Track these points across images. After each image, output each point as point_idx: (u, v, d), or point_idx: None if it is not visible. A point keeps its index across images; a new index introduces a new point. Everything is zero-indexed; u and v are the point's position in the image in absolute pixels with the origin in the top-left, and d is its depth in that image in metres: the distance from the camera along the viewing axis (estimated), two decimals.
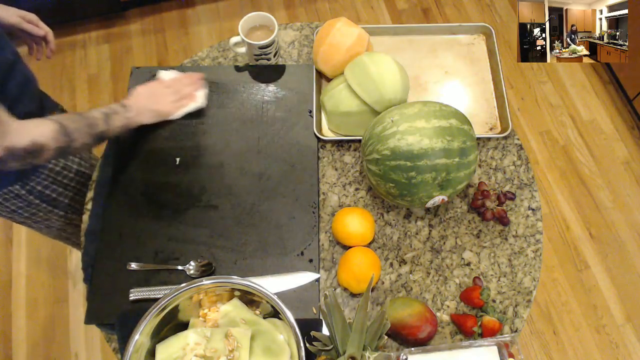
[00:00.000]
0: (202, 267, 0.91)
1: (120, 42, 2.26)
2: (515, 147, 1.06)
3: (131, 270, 0.91)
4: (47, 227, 1.17)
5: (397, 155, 0.84)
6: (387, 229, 0.98)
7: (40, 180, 1.02)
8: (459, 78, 1.13)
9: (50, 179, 1.04)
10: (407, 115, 0.86)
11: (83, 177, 1.11)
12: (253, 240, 0.94)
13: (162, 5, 2.34)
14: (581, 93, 2.14)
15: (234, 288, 0.78)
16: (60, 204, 1.10)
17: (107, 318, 0.88)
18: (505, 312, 0.91)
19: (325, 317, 0.75)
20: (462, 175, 0.86)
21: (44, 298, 1.76)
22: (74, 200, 1.12)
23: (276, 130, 1.05)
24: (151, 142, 1.04)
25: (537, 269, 0.95)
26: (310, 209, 0.97)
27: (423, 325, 0.82)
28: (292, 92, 1.09)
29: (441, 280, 0.93)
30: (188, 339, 0.75)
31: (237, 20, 1.10)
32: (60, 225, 1.17)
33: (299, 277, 0.91)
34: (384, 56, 0.97)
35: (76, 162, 1.09)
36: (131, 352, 0.71)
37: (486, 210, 0.96)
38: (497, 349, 0.77)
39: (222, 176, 1.00)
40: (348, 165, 1.04)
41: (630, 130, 2.06)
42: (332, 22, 1.04)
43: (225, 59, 1.17)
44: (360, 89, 0.96)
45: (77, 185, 1.11)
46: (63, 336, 1.70)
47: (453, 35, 1.18)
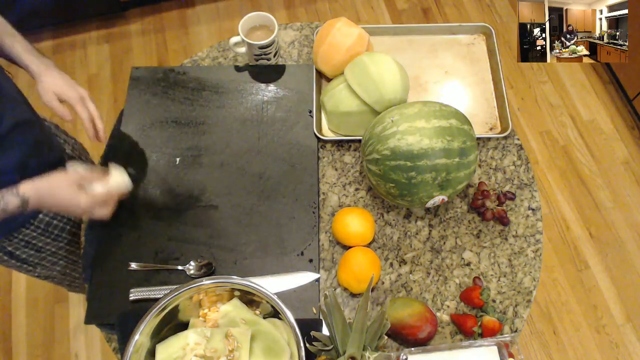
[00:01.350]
0: (202, 267, 0.91)
1: (120, 42, 2.26)
2: (515, 147, 1.06)
3: (131, 270, 0.91)
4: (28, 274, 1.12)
5: (397, 155, 0.84)
6: (387, 229, 0.98)
7: (12, 243, 0.97)
8: (459, 78, 1.13)
9: (23, 242, 0.98)
10: (407, 115, 0.86)
11: (62, 241, 1.06)
12: (253, 240, 0.94)
13: (162, 5, 2.34)
14: (581, 93, 2.14)
15: (234, 288, 0.78)
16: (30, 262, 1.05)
17: (107, 318, 0.88)
18: (505, 312, 0.91)
19: (325, 317, 0.75)
20: (462, 175, 0.86)
21: (44, 298, 1.76)
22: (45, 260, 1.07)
23: (276, 130, 1.05)
24: (151, 142, 1.04)
25: (537, 269, 0.95)
26: (310, 209, 0.97)
27: (423, 325, 0.82)
28: (292, 92, 1.09)
29: (441, 280, 0.93)
30: (188, 339, 0.75)
31: (237, 20, 1.10)
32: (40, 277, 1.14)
33: (299, 277, 0.91)
34: (384, 56, 0.97)
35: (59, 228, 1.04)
36: (131, 352, 0.71)
37: (486, 210, 0.96)
38: (497, 349, 0.77)
39: (222, 176, 1.00)
40: (348, 165, 1.04)
41: (630, 130, 2.06)
42: (332, 22, 1.04)
43: (225, 59, 1.17)
44: (360, 89, 0.96)
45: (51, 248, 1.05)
46: (63, 336, 1.70)
47: (453, 35, 1.18)
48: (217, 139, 1.04)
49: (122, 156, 1.02)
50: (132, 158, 1.02)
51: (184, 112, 1.07)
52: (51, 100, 0.90)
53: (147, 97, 1.09)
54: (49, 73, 0.91)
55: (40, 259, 1.06)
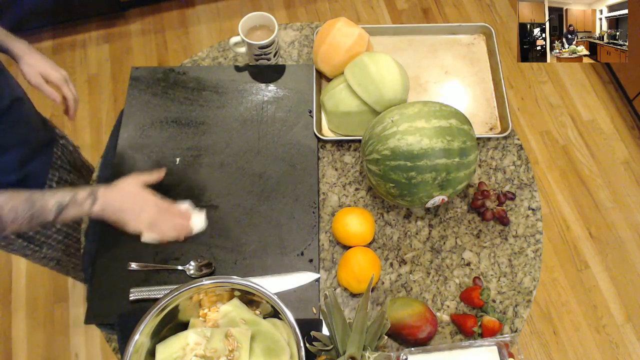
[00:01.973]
0: (202, 267, 0.91)
1: (120, 42, 2.26)
2: (515, 147, 1.06)
3: (131, 270, 0.91)
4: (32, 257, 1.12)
5: (397, 155, 0.84)
6: (387, 229, 0.98)
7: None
8: (459, 78, 1.13)
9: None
10: (407, 115, 0.86)
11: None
12: (253, 240, 0.94)
13: (162, 5, 2.34)
14: (581, 93, 2.14)
15: (234, 288, 0.78)
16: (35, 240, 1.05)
17: (107, 318, 0.88)
18: (505, 312, 0.91)
19: (325, 317, 0.75)
20: (462, 175, 0.86)
21: (44, 298, 1.76)
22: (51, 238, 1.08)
23: (276, 130, 1.05)
24: (151, 142, 1.04)
25: (537, 269, 0.95)
26: (310, 209, 0.97)
27: (423, 325, 0.82)
28: (292, 92, 1.09)
29: (441, 280, 0.93)
30: (188, 339, 0.75)
31: (237, 20, 1.10)
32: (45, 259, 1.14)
33: (299, 277, 0.91)
34: (384, 56, 0.97)
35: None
36: (131, 352, 0.71)
37: (486, 210, 0.96)
38: (497, 349, 0.77)
39: (222, 176, 1.00)
40: (348, 165, 1.04)
41: (630, 130, 2.06)
42: (332, 22, 1.04)
43: (225, 59, 1.17)
44: (360, 89, 0.96)
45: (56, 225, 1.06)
46: (63, 336, 1.70)
47: (453, 35, 1.18)
48: (217, 139, 1.04)
49: (122, 156, 1.02)
50: (132, 158, 1.02)
51: (184, 112, 1.07)
52: (40, 82, 0.93)
53: (147, 97, 1.09)
54: (31, 55, 0.93)
55: (47, 236, 1.06)
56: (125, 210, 0.83)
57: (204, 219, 0.94)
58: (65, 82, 0.96)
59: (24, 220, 0.75)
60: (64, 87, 0.96)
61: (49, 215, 0.77)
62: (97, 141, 2.04)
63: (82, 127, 2.08)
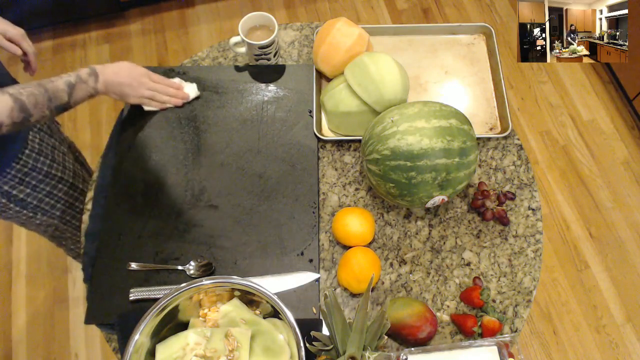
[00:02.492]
0: (202, 267, 0.91)
1: (120, 42, 2.26)
2: (515, 147, 1.06)
3: (131, 270, 0.91)
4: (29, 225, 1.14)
5: (397, 155, 0.84)
6: (387, 229, 0.98)
7: (7, 180, 1.00)
8: (459, 78, 1.13)
9: (17, 179, 1.01)
10: (407, 115, 0.86)
11: (54, 179, 1.08)
12: (253, 240, 0.94)
13: (162, 5, 2.34)
14: (581, 93, 2.14)
15: (234, 288, 0.78)
16: (28, 205, 1.07)
17: (107, 318, 0.88)
18: (505, 312, 0.91)
19: (325, 317, 0.75)
20: (462, 175, 0.86)
21: (44, 298, 1.76)
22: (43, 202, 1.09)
23: (276, 130, 1.05)
24: (151, 142, 1.04)
25: (537, 269, 0.95)
26: (310, 209, 0.97)
27: (423, 325, 0.82)
28: (292, 92, 1.09)
29: (441, 280, 0.93)
30: (188, 339, 0.75)
31: (237, 20, 1.10)
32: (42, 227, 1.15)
33: (299, 277, 0.91)
34: (384, 56, 0.97)
35: (47, 164, 1.06)
36: (131, 352, 0.71)
37: (486, 210, 0.96)
38: (497, 349, 0.77)
39: (222, 176, 1.00)
40: (348, 165, 1.04)
41: (630, 130, 2.06)
42: (332, 22, 1.04)
43: (225, 59, 1.17)
44: (360, 89, 0.96)
45: (46, 187, 1.08)
46: (63, 336, 1.70)
47: (453, 35, 1.18)
48: (217, 139, 1.04)
49: (121, 156, 1.02)
50: (132, 158, 1.02)
51: (184, 112, 1.07)
52: (1, 40, 0.97)
53: None
54: None
55: (39, 200, 1.08)
56: (124, 84, 0.96)
57: (196, 88, 1.07)
58: (24, 38, 1.00)
59: (44, 103, 0.83)
60: (23, 42, 1.00)
61: (63, 96, 0.86)
62: (97, 141, 2.04)
63: (82, 127, 2.08)
